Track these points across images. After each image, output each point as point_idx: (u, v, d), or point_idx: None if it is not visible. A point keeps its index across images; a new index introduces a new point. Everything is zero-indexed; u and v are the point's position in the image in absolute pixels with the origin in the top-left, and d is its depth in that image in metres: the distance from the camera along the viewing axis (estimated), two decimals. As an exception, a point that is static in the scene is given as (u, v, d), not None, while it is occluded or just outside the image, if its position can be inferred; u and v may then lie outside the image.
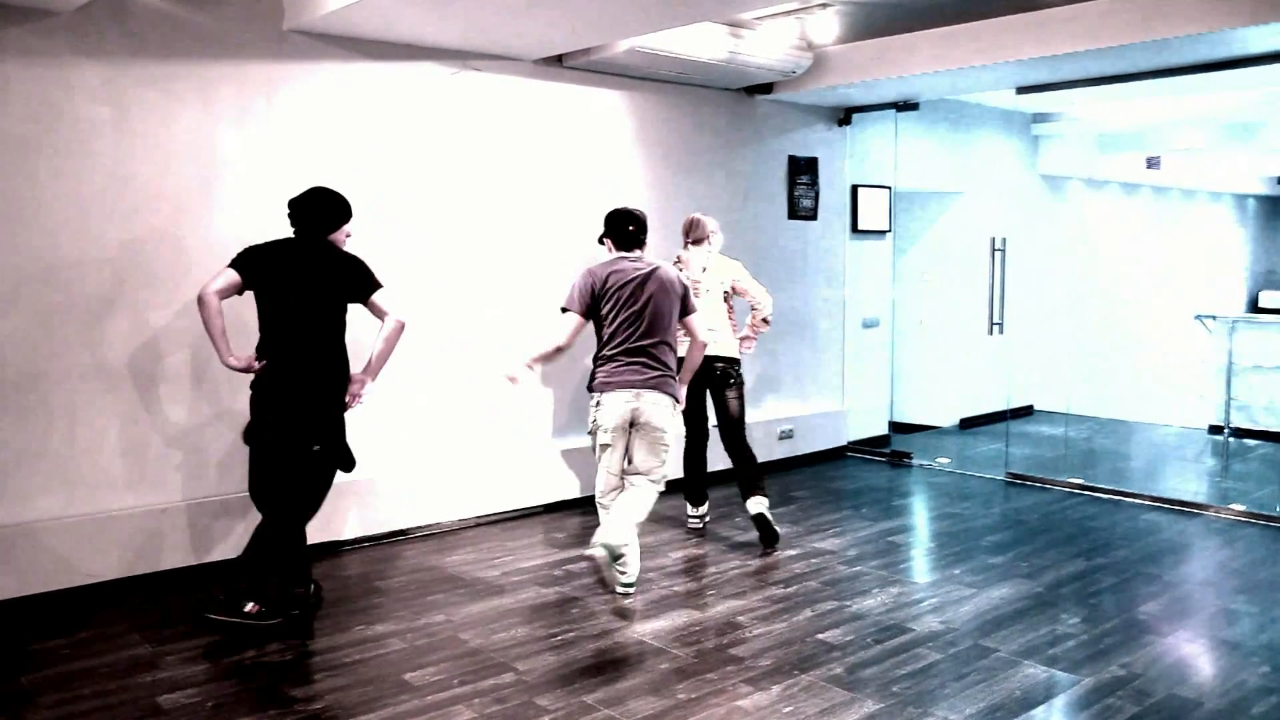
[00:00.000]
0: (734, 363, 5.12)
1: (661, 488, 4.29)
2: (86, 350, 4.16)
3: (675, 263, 5.04)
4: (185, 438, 4.43)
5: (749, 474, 5.04)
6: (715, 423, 5.16)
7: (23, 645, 3.70)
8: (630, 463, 4.25)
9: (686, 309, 4.37)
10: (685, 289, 4.38)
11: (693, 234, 5.12)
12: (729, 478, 5.29)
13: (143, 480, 4.33)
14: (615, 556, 3.98)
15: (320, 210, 3.92)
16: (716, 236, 5.17)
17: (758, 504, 4.94)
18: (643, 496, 4.20)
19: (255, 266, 3.83)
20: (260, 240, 3.95)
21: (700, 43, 5.35)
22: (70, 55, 4.06)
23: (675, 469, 4.61)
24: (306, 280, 3.86)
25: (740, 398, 5.10)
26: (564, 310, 4.31)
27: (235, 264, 3.82)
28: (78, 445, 4.16)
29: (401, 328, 3.96)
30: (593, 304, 4.26)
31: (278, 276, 3.85)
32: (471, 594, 4.30)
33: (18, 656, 3.61)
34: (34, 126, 4.00)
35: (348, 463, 4.03)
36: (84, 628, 3.87)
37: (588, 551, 4.04)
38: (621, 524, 4.03)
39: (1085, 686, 3.38)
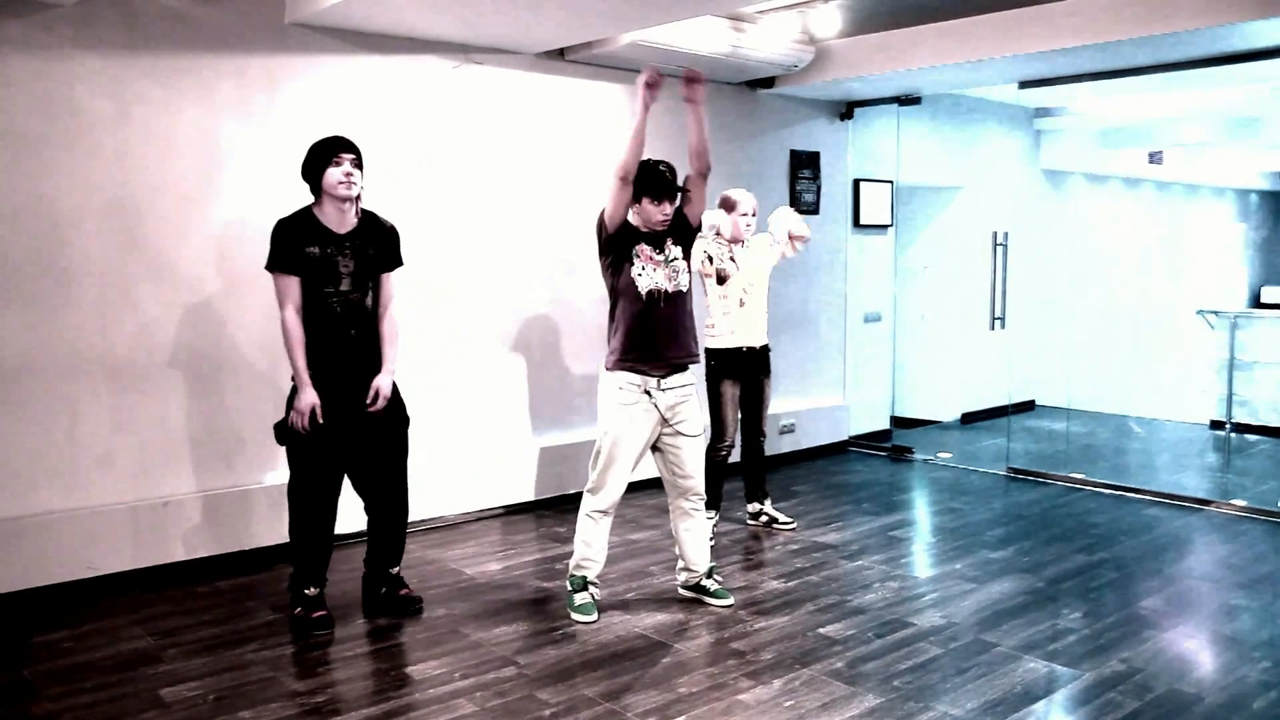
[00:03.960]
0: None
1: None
2: (88, 343, 4.16)
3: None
4: (187, 430, 4.44)
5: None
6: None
7: (25, 638, 3.71)
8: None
9: None
10: None
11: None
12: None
13: (144, 473, 4.33)
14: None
15: None
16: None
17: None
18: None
19: None
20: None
21: (702, 37, 5.34)
22: (72, 48, 4.06)
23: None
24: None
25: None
26: None
27: None
28: (79, 438, 4.17)
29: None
30: None
31: None
32: (473, 588, 4.31)
33: (20, 649, 3.62)
34: (35, 119, 4.00)
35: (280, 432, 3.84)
36: (86, 621, 3.88)
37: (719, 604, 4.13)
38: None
39: (1086, 681, 3.38)
